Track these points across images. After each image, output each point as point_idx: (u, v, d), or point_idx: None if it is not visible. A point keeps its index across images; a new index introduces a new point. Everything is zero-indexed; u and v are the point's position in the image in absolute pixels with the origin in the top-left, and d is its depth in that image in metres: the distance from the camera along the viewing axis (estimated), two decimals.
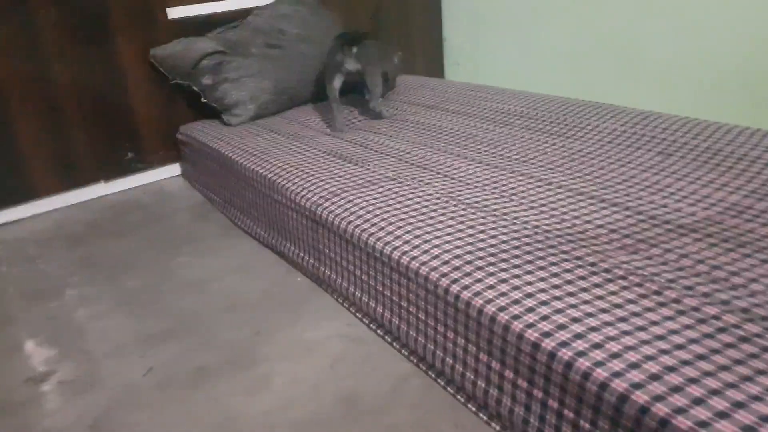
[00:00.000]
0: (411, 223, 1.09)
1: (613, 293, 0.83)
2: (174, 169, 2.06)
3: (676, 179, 1.16)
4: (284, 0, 2.07)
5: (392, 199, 1.20)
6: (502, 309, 0.84)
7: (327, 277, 1.26)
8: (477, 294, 0.88)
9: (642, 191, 1.14)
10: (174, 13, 1.92)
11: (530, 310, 0.82)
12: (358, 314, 1.18)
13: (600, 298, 0.82)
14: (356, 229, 1.13)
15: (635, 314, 0.78)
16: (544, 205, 1.13)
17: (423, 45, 2.54)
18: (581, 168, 1.28)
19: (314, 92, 2.01)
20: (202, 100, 1.89)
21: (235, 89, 1.86)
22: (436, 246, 1.01)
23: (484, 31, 2.41)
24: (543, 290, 0.85)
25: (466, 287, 0.90)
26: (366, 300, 1.14)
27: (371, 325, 1.14)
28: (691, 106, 1.83)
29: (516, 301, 0.84)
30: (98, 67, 1.82)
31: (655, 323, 0.75)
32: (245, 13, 2.03)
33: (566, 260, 0.92)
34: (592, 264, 0.90)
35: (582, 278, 0.87)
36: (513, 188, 1.21)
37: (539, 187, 1.20)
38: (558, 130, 1.51)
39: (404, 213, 1.13)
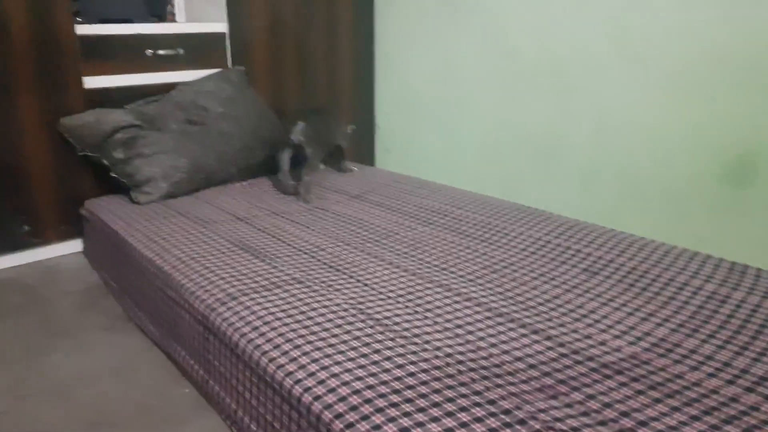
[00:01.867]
0: (311, 342, 0.93)
1: None
2: (76, 246, 1.83)
3: (601, 303, 1.07)
4: (211, 77, 1.95)
5: (295, 308, 1.04)
6: None
7: (216, 394, 1.07)
8: None
9: (565, 316, 1.03)
10: (91, 82, 1.76)
11: None
12: None
13: None
14: (248, 345, 0.95)
15: None
16: (460, 326, 0.99)
17: (356, 131, 2.46)
18: (503, 282, 1.16)
19: (234, 172, 1.87)
20: (111, 174, 1.70)
21: (148, 165, 1.68)
22: (334, 376, 0.84)
23: (414, 120, 2.36)
24: None
25: None
26: (255, 429, 0.95)
27: None
28: (611, 209, 1.79)
29: None
30: None
31: None
32: (169, 87, 1.89)
33: (478, 405, 0.78)
34: (507, 412, 0.76)
35: None
36: (429, 302, 1.08)
37: (457, 303, 1.08)
38: (481, 234, 1.41)
39: (305, 328, 0.97)
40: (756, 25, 1.46)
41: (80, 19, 1.81)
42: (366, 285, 1.14)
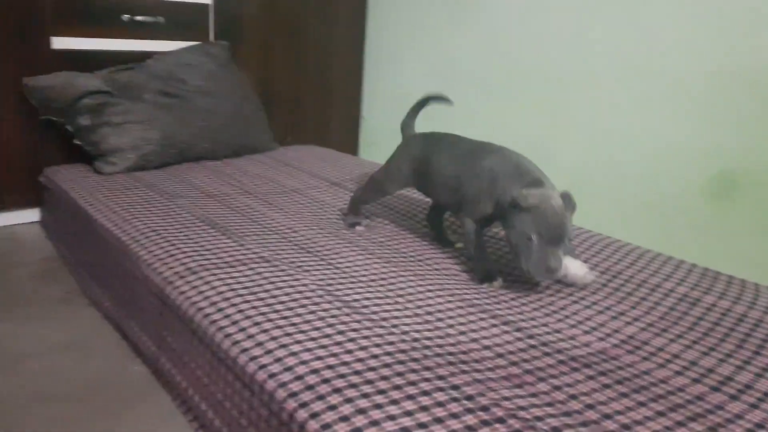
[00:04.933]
0: (271, 320, 0.92)
1: None
2: (34, 215, 1.81)
3: (572, 301, 1.07)
4: (191, 49, 1.93)
5: (259, 286, 1.03)
6: None
7: (167, 372, 1.05)
8: (326, 427, 0.71)
9: (536, 311, 1.04)
10: (59, 43, 1.73)
11: None
12: (194, 425, 0.97)
13: None
14: (205, 320, 0.95)
15: None
16: (430, 313, 1.00)
17: (340, 120, 2.46)
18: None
19: (209, 150, 1.85)
20: (75, 141, 1.68)
21: (116, 135, 1.66)
22: (293, 354, 0.84)
23: (402, 117, 2.36)
24: (405, 429, 0.70)
25: (315, 415, 0.73)
26: (204, 409, 0.94)
27: None
28: (597, 219, 1.81)
29: None
30: None
31: None
32: (144, 56, 1.87)
33: (441, 389, 0.78)
34: (470, 398, 0.76)
35: (454, 416, 0.72)
36: (401, 289, 1.08)
37: (429, 292, 1.08)
38: (458, 228, 1.41)
39: (267, 306, 0.97)
40: (748, 44, 1.49)
41: None
42: (338, 268, 1.14)
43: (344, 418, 0.72)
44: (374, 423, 0.71)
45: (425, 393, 0.77)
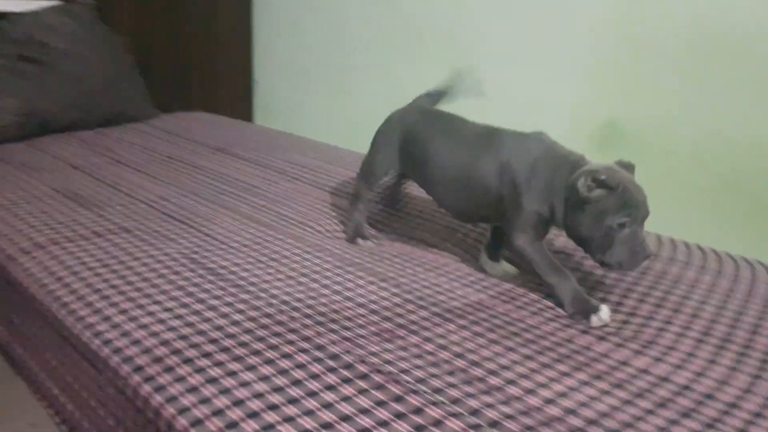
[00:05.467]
0: (123, 293, 0.85)
1: (345, 399, 0.65)
2: None
3: (458, 259, 1.06)
4: (51, 10, 1.76)
5: (115, 258, 0.95)
6: (196, 423, 0.62)
7: (20, 358, 0.96)
8: (171, 399, 0.65)
9: (418, 267, 1.01)
10: None
11: (232, 425, 0.61)
12: (50, 411, 0.89)
13: (328, 406, 0.64)
14: (48, 297, 0.86)
15: None
16: (305, 275, 0.95)
17: (231, 85, 2.34)
18: None
19: (79, 119, 1.70)
20: None
21: None
22: (143, 327, 0.77)
23: (299, 78, 2.29)
24: (258, 395, 0.65)
25: (160, 388, 0.67)
26: (56, 393, 0.86)
27: (62, 427, 0.85)
28: None
29: (218, 412, 0.63)
30: None
31: None
32: None
33: (304, 351, 0.73)
34: (334, 357, 0.72)
35: (314, 377, 0.68)
36: (276, 252, 1.02)
37: (308, 253, 1.03)
38: (350, 191, 1.37)
39: (121, 278, 0.89)
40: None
41: None
42: (208, 236, 1.07)
43: (192, 389, 0.66)
44: (225, 391, 0.66)
45: (286, 356, 0.72)
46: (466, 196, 0.97)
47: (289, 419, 0.62)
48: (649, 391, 0.69)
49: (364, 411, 0.63)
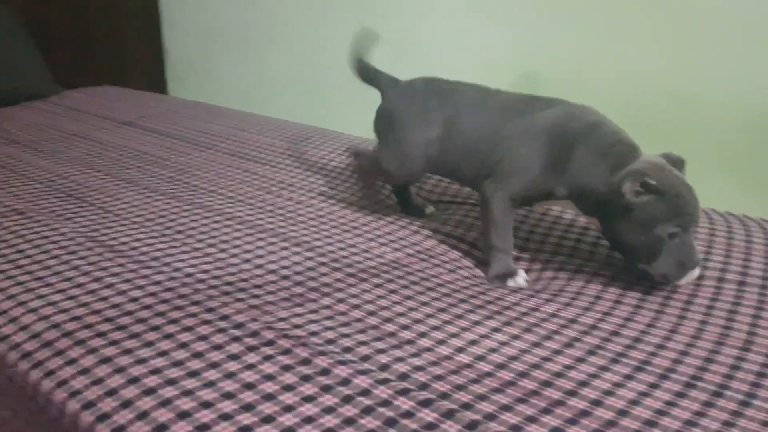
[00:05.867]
0: (12, 277, 0.79)
1: (249, 367, 0.63)
2: None
3: (377, 218, 1.04)
4: None
5: (3, 242, 0.88)
6: (89, 405, 0.58)
7: None
8: (62, 384, 0.61)
9: (335, 228, 0.99)
10: None
11: (126, 404, 0.58)
12: None
13: (230, 376, 0.61)
14: None
15: (269, 397, 0.58)
16: (212, 245, 0.91)
17: (140, 56, 2.22)
18: (276, 202, 1.09)
19: None
20: None
21: None
22: (32, 311, 0.72)
23: (215, 46, 2.19)
24: (155, 371, 0.62)
25: (50, 373, 0.63)
26: None
27: None
28: None
29: (111, 392, 0.59)
30: None
31: (294, 407, 0.57)
32: None
33: (207, 322, 0.70)
34: (239, 326, 0.70)
35: (217, 348, 0.66)
36: (183, 224, 0.98)
37: (217, 223, 0.99)
38: (264, 156, 1.33)
39: (9, 262, 0.82)
40: None
41: None
42: (108, 212, 1.01)
43: (84, 371, 0.62)
44: (119, 370, 0.62)
45: (187, 329, 0.69)
46: (482, 162, 0.86)
47: (187, 392, 0.59)
48: (557, 333, 0.70)
49: (269, 377, 0.61)
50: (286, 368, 0.62)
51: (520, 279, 0.84)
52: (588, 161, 0.77)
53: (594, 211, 0.80)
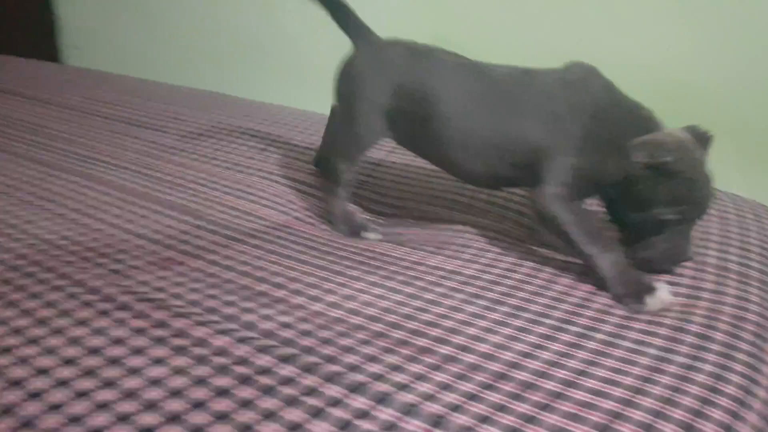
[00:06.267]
0: None
1: (98, 332, 0.58)
2: None
3: (265, 179, 0.99)
4: None
5: None
6: None
7: None
8: None
9: (217, 191, 0.94)
10: None
11: None
12: None
13: (74, 342, 0.56)
14: None
15: (114, 361, 0.54)
16: (78, 210, 0.84)
17: (29, 23, 2.06)
18: (159, 166, 1.03)
19: None
20: None
21: None
22: None
23: (112, 13, 2.05)
24: None
25: None
26: None
27: None
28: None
29: None
30: None
31: (140, 369, 0.52)
32: None
33: (57, 288, 0.64)
34: (94, 291, 0.64)
35: (65, 314, 0.60)
36: (49, 190, 0.90)
37: (87, 188, 0.92)
38: (152, 121, 1.25)
39: None
40: None
41: None
42: None
43: None
44: None
45: (34, 296, 0.63)
46: (499, 156, 0.75)
47: (24, 360, 0.53)
48: (437, 284, 0.69)
49: (117, 341, 0.56)
50: (139, 331, 0.58)
51: (664, 294, 0.64)
52: (627, 133, 0.67)
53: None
